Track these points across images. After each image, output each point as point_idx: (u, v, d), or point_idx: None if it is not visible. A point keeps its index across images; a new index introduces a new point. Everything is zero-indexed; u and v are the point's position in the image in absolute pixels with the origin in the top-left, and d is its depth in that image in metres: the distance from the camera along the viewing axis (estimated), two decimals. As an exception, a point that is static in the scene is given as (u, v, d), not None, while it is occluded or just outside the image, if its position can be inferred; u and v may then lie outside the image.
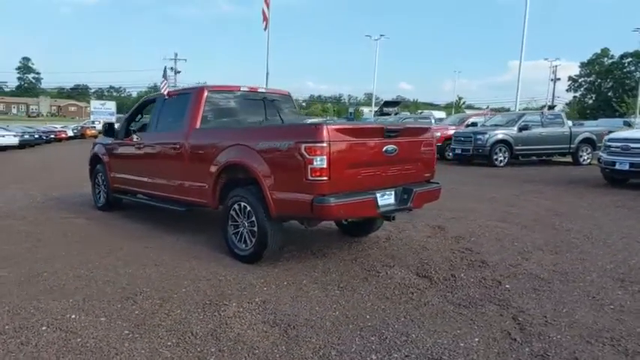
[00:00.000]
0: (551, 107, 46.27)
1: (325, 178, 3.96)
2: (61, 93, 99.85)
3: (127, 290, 3.90)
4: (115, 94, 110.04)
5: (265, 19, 57.34)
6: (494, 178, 12.17)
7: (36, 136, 28.03)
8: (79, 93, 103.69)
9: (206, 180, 4.99)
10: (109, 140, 7.01)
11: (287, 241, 5.39)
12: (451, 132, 17.35)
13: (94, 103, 49.65)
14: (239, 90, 5.80)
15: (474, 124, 18.32)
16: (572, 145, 15.90)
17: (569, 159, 16.35)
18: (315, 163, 3.93)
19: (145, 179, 6.10)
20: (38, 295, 3.76)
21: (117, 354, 2.87)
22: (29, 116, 73.13)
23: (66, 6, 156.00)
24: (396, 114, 35.53)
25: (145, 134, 6.22)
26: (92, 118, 46.51)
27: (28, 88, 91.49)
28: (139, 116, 6.96)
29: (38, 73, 75.94)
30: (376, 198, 4.32)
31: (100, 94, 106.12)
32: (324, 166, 3.94)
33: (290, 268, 4.54)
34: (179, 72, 54.82)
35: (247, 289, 3.97)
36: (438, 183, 5.17)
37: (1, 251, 5.00)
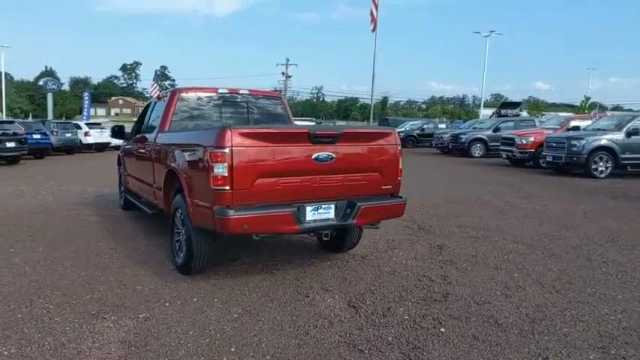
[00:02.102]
0: None
1: (227, 187, 3.58)
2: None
3: (38, 291, 3.94)
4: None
5: (373, 20, 56.66)
6: (579, 192, 10.38)
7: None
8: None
9: (161, 183, 4.88)
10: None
11: (252, 253, 5.09)
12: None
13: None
14: (216, 92, 5.61)
15: (575, 128, 15.96)
16: (702, 155, 13.02)
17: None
18: (216, 170, 3.57)
19: (137, 180, 6.23)
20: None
21: (-54, 360, 2.83)
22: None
23: (199, 19, 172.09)
24: (516, 115, 32.84)
25: (141, 136, 6.35)
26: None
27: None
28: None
29: (173, 80, 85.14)
30: (297, 212, 3.80)
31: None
32: (226, 174, 3.56)
33: (219, 283, 4.22)
34: (290, 76, 56.74)
35: (149, 303, 3.75)
36: (401, 197, 4.43)
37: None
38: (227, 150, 3.54)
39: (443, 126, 35.76)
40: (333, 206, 4.05)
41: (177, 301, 3.81)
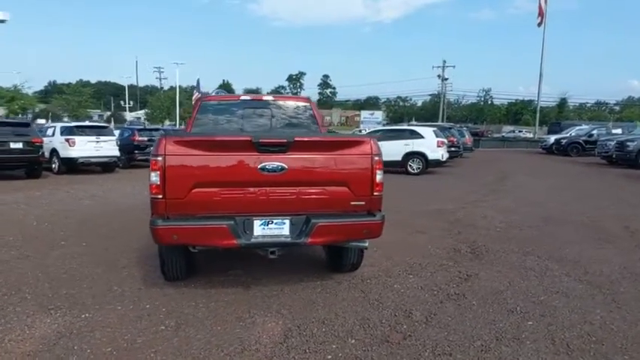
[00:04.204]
0: None
1: (160, 196, 3.52)
2: (355, 105, 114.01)
3: (35, 282, 4.38)
4: (401, 103, 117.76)
5: (541, 13, 51.30)
6: None
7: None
8: (371, 104, 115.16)
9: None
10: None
11: (250, 265, 4.93)
12: None
13: (364, 113, 54.79)
14: (238, 99, 5.60)
15: None
16: None
17: None
18: (152, 178, 3.54)
19: None
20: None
21: None
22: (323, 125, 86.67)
23: (366, 26, 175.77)
24: None
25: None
26: (361, 126, 51.51)
27: (326, 101, 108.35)
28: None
29: (334, 88, 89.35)
30: (235, 225, 3.54)
31: (388, 104, 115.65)
32: (158, 182, 3.50)
33: (186, 292, 4.15)
34: (446, 79, 54.55)
35: (105, 304, 3.88)
36: (374, 215, 3.80)
37: (51, 233, 6.27)
38: (160, 158, 3.48)
39: (618, 131, 30.33)
40: (287, 222, 3.69)
41: (130, 305, 3.87)
